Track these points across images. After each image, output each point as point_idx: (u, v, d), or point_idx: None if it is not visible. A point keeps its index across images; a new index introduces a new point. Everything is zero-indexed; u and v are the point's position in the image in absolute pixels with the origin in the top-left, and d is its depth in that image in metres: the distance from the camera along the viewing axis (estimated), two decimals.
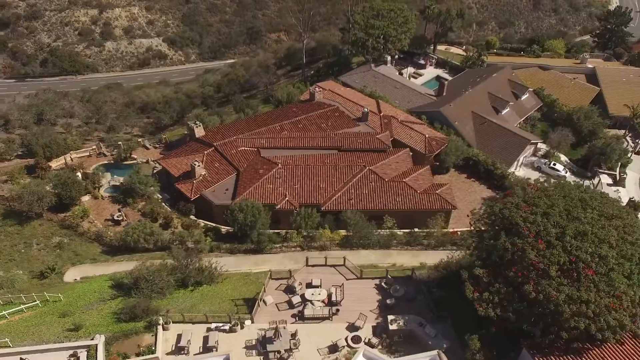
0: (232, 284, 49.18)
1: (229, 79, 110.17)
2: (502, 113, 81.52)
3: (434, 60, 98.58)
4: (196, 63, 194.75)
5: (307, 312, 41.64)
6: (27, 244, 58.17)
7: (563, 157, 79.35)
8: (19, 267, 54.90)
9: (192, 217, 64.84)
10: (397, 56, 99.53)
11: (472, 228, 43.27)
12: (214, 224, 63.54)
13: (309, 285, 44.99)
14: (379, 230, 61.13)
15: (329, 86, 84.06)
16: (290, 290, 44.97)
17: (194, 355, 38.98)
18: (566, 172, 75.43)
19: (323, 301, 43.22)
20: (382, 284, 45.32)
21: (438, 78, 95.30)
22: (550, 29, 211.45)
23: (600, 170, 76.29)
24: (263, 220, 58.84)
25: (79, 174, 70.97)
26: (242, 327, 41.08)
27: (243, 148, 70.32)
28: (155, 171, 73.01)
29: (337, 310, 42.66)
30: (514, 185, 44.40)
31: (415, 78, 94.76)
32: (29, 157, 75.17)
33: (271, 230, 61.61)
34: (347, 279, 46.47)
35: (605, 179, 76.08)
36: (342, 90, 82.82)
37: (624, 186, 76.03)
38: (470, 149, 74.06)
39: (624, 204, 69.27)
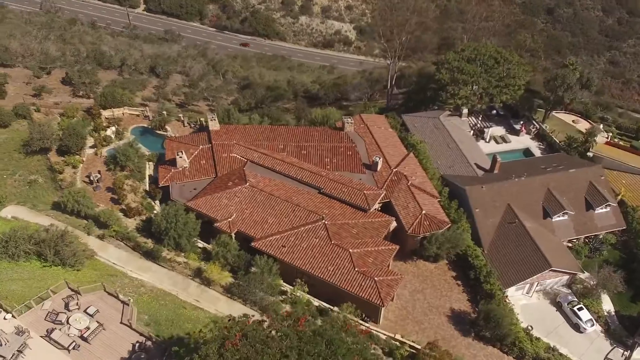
0: (81, 277, 49.70)
1: (334, 82, 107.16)
2: (553, 220, 64.07)
3: (533, 129, 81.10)
4: (377, 58, 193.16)
5: (55, 335, 40.06)
6: (13, 173, 66.56)
7: (607, 306, 59.69)
8: None
9: (156, 202, 66.27)
10: (495, 111, 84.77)
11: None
12: None
13: (85, 311, 43.01)
14: (292, 290, 55.31)
15: (372, 120, 76.13)
16: (67, 306, 43.63)
17: None
18: (592, 326, 56.78)
19: (81, 331, 40.99)
20: (137, 346, 40.80)
21: (527, 152, 78.66)
22: None
23: None
24: (181, 232, 57.46)
25: (114, 128, 78.04)
26: (4, 318, 41.49)
27: (235, 155, 68.69)
28: None
29: (79, 346, 40.03)
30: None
31: (498, 143, 79.47)
32: None
33: (202, 245, 60.11)
34: (121, 322, 43.05)
35: None
36: (380, 130, 74.19)
37: None
38: (472, 247, 60.35)
39: None
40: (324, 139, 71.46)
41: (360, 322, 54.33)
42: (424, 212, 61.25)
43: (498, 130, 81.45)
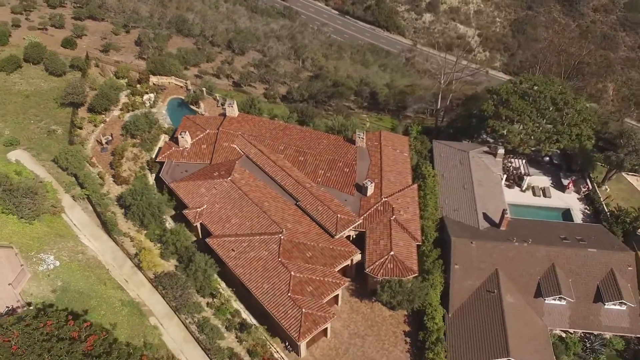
0: (28, 231, 52.61)
1: (401, 90, 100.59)
2: (545, 301, 54.23)
3: (584, 188, 68.84)
4: (495, 70, 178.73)
5: None
6: (40, 119, 72.09)
7: None
8: (13, 127, 69.10)
9: (152, 175, 67.75)
10: (546, 157, 73.54)
11: None
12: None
13: None
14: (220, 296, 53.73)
15: (389, 139, 70.20)
16: None
17: None
18: None
19: None
20: (7, 310, 41.83)
21: (566, 213, 67.25)
22: None
23: None
24: (144, 210, 58.35)
25: (152, 95, 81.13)
26: None
27: (234, 146, 67.69)
28: None
29: None
30: None
31: (536, 195, 68.81)
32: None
33: (171, 225, 60.59)
34: (9, 284, 44.54)
35: None
36: (393, 153, 68.05)
37: None
38: (433, 306, 53.22)
39: None
40: (328, 149, 67.52)
41: (277, 349, 51.26)
42: (392, 253, 55.32)
43: (541, 181, 70.58)
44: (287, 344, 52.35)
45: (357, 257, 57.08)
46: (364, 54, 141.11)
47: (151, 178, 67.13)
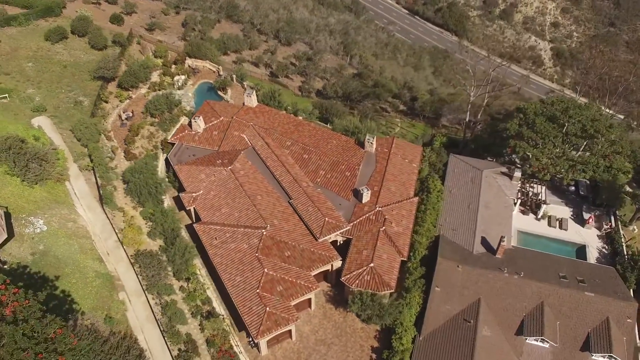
0: (27, 195, 55.37)
1: (441, 98, 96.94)
2: (526, 341, 50.48)
3: (606, 226, 63.30)
4: (564, 87, 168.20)
5: None
6: (71, 89, 75.47)
7: None
8: (45, 95, 72.89)
9: (163, 155, 69.49)
10: (572, 187, 68.38)
11: None
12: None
13: None
14: (192, 282, 54.37)
15: (400, 148, 67.84)
16: None
17: None
18: None
19: None
20: None
21: (580, 250, 62.17)
22: None
23: None
24: (141, 188, 59.94)
25: (183, 76, 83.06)
26: None
27: (244, 136, 67.99)
28: None
29: None
30: None
31: (551, 226, 63.95)
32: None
33: (169, 206, 62.07)
34: None
35: None
36: (401, 162, 65.69)
37: None
38: (404, 326, 50.96)
39: None
40: (334, 150, 66.30)
41: (238, 342, 51.28)
42: (371, 265, 53.56)
43: (561, 211, 65.60)
44: (251, 339, 52.20)
45: (338, 263, 55.76)
46: (419, 56, 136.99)
47: (162, 158, 68.89)
